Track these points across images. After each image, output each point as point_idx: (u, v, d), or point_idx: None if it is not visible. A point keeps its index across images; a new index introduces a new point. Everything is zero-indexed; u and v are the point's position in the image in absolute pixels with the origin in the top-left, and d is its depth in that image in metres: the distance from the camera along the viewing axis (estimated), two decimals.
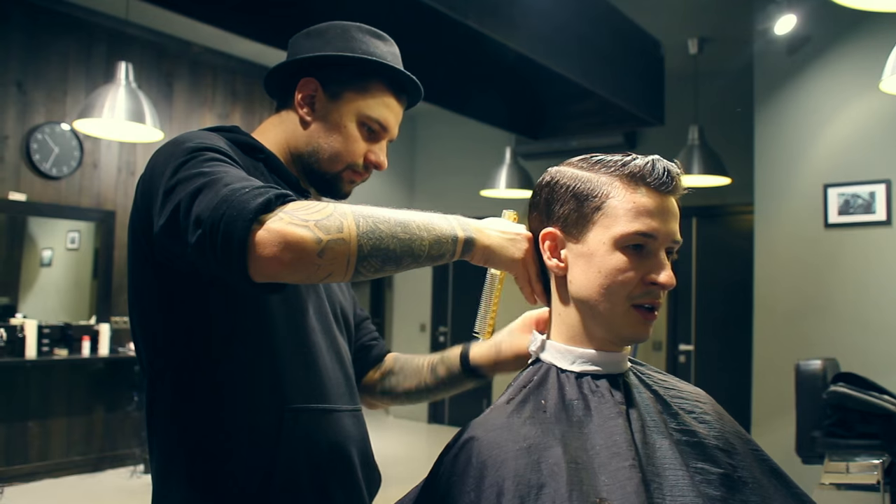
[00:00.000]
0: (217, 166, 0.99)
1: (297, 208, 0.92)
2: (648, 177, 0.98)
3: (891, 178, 4.13)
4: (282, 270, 0.90)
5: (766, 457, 1.08)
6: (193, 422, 1.11)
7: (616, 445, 0.92)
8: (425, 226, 0.99)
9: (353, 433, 1.22)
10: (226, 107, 6.22)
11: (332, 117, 1.23)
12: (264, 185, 0.94)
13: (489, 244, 1.06)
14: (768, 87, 4.63)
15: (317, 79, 1.23)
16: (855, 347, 4.14)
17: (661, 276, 0.98)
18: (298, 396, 1.14)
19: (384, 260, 0.95)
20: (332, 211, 0.93)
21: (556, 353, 1.04)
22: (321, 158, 1.24)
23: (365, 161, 1.26)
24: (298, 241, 0.89)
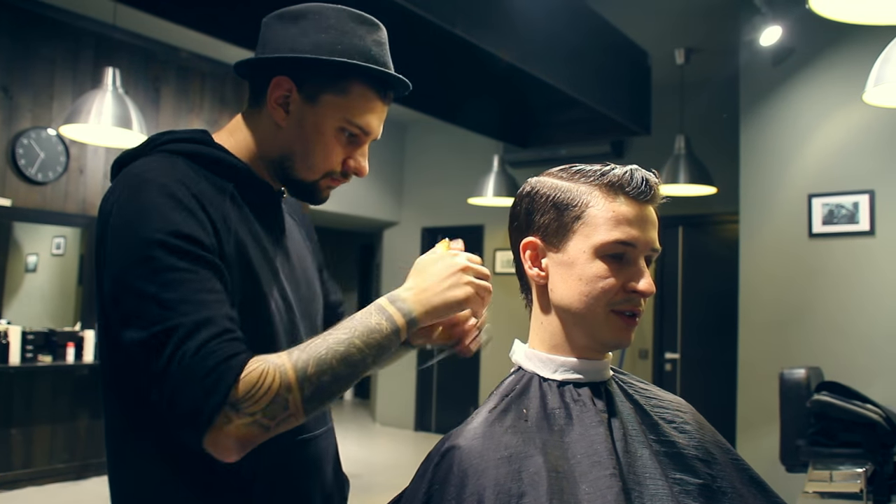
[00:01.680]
0: (174, 290, 0.94)
1: (243, 398, 0.92)
2: (627, 186, 0.99)
3: (874, 189, 4.17)
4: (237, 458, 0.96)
5: (745, 466, 1.09)
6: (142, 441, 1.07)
7: (597, 454, 0.92)
8: (366, 343, 1.01)
9: (326, 453, 1.22)
10: (213, 113, 6.21)
11: (309, 122, 1.13)
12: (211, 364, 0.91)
13: (431, 311, 1.07)
14: (754, 97, 4.67)
15: (291, 78, 1.12)
16: (838, 356, 4.17)
17: (640, 283, 0.99)
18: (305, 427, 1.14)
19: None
20: (278, 387, 0.94)
21: (538, 361, 1.05)
22: (296, 166, 1.15)
23: (344, 167, 1.17)
24: (249, 439, 0.94)
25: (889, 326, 4.08)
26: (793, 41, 4.47)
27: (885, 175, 4.14)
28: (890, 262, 4.11)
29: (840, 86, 4.30)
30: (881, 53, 2.77)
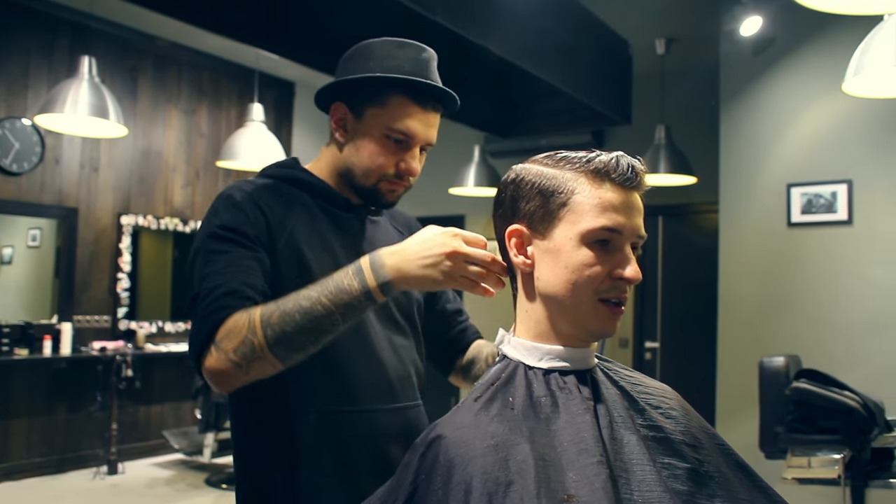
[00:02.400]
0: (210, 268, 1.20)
1: (223, 338, 1.14)
2: (613, 172, 0.98)
3: (852, 179, 4.20)
4: (228, 389, 1.18)
5: (731, 451, 1.09)
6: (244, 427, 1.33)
7: (584, 441, 0.92)
8: (332, 301, 1.12)
9: (391, 430, 1.32)
10: (192, 103, 6.15)
11: (359, 135, 1.33)
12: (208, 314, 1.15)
13: (407, 280, 1.13)
14: (734, 87, 4.69)
15: (344, 102, 1.34)
16: (816, 344, 4.21)
17: (627, 270, 0.98)
18: (324, 400, 1.27)
19: (302, 349, 1.13)
20: (247, 332, 1.12)
21: (524, 349, 1.04)
22: (356, 175, 1.35)
23: (397, 170, 1.34)
24: (224, 375, 1.14)
25: (865, 315, 4.13)
26: (773, 31, 4.49)
27: (863, 165, 4.18)
28: (867, 251, 4.15)
29: (819, 76, 4.33)
30: (860, 43, 2.78)
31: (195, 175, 6.17)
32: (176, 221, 5.98)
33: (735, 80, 4.69)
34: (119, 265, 5.67)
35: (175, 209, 6.02)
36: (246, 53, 6.01)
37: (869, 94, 3.02)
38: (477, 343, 1.50)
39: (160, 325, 5.90)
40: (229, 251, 1.21)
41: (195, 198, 6.16)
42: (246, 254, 1.22)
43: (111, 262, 5.67)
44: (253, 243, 1.24)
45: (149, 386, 5.72)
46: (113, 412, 5.22)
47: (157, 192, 5.91)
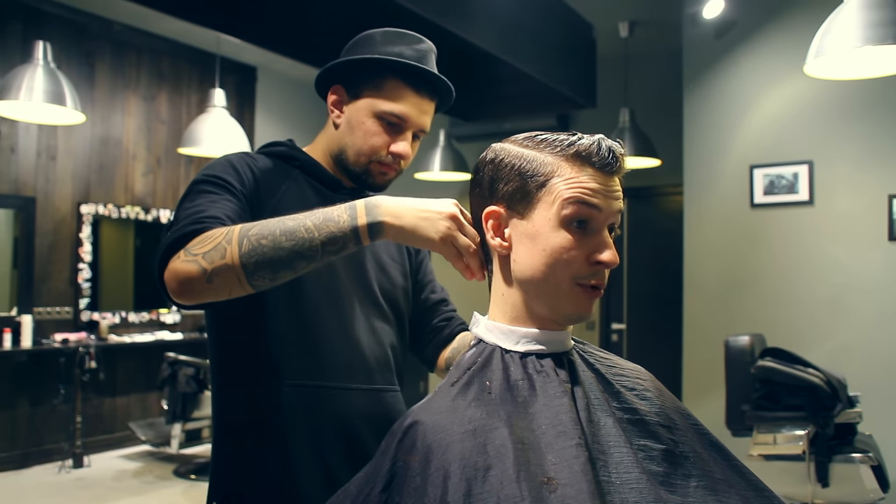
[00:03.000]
0: (194, 202, 1.20)
1: (196, 243, 1.11)
2: (594, 157, 0.98)
3: (813, 160, 4.27)
4: (185, 298, 1.12)
5: (705, 431, 1.09)
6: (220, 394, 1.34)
7: (562, 424, 0.92)
8: (317, 226, 1.08)
9: (365, 411, 1.33)
10: (151, 88, 6.02)
11: (354, 116, 1.36)
12: (186, 224, 1.14)
13: (401, 226, 1.09)
14: (697, 70, 4.72)
15: (342, 85, 1.38)
16: (779, 323, 4.29)
17: (605, 254, 0.98)
18: (300, 375, 1.28)
19: (273, 269, 1.08)
20: (222, 239, 1.09)
21: (500, 333, 1.03)
22: (349, 155, 1.37)
23: (389, 153, 1.36)
24: (186, 276, 1.09)
25: (826, 293, 4.21)
26: (735, 14, 4.53)
27: (824, 146, 4.24)
28: (827, 230, 4.22)
29: (781, 58, 4.38)
30: (822, 25, 2.81)
31: (156, 162, 6.06)
32: (137, 210, 5.88)
33: (698, 63, 4.72)
34: (80, 255, 5.55)
35: (136, 197, 5.91)
36: (206, 38, 5.90)
37: (830, 77, 3.06)
38: (463, 334, 1.48)
39: (123, 316, 5.80)
40: (216, 193, 1.23)
41: (157, 185, 6.05)
42: (232, 199, 1.23)
43: (71, 252, 5.56)
44: (240, 197, 1.25)
45: (113, 377, 5.63)
46: (77, 405, 5.14)
47: (117, 180, 5.80)
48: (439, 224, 1.08)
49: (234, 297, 1.12)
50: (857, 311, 4.11)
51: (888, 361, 4.00)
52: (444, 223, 1.08)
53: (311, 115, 7.50)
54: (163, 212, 6.03)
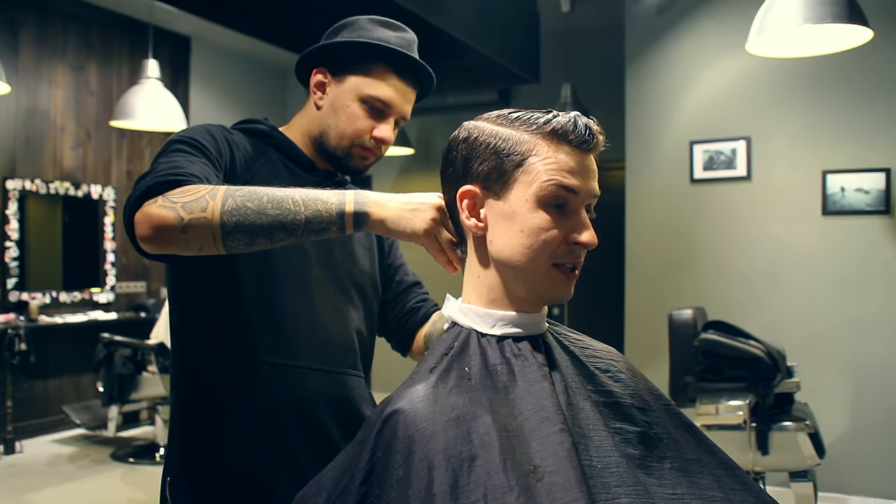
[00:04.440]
0: (171, 158, 1.16)
1: (176, 192, 1.06)
2: (570, 134, 0.96)
3: (751, 136, 4.35)
4: (153, 244, 1.06)
5: (676, 411, 1.10)
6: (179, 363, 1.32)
7: (544, 409, 0.90)
8: (305, 202, 1.06)
9: (327, 393, 1.31)
10: (79, 58, 5.76)
11: (338, 99, 1.35)
12: (168, 173, 1.09)
13: (385, 217, 1.07)
14: (638, 46, 4.75)
15: (326, 67, 1.37)
16: (719, 296, 4.39)
17: (583, 235, 0.97)
18: (264, 352, 1.27)
19: (251, 234, 1.05)
20: (206, 193, 1.05)
21: (475, 316, 1.01)
22: (331, 137, 1.36)
23: (372, 137, 1.36)
24: (161, 221, 1.04)
25: (763, 266, 4.32)
26: None
27: (761, 122, 4.33)
28: (764, 205, 4.33)
29: (722, 34, 4.44)
30: (763, 3, 2.85)
31: (86, 135, 5.81)
32: (67, 185, 5.64)
33: (639, 38, 4.75)
34: (6, 233, 5.30)
35: (65, 172, 5.67)
36: (138, 5, 5.66)
37: (771, 54, 3.11)
38: (438, 313, 1.47)
39: (54, 296, 5.58)
40: (194, 154, 1.20)
41: (87, 159, 5.82)
42: (209, 164, 1.21)
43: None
44: (216, 163, 1.23)
45: (44, 360, 5.42)
46: (7, 388, 4.93)
47: (45, 155, 5.54)
48: (423, 216, 1.07)
49: (201, 255, 1.09)
50: (792, 283, 4.24)
51: (821, 332, 4.14)
52: (428, 215, 1.07)
53: (248, 88, 7.31)
54: (94, 187, 5.80)
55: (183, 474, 1.29)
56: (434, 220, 1.07)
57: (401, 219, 1.07)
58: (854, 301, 4.09)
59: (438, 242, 1.08)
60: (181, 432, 1.31)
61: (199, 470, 1.28)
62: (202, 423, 1.28)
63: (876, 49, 3.63)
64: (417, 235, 1.07)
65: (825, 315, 4.15)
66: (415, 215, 1.07)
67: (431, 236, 1.07)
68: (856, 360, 4.07)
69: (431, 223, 1.07)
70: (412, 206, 1.07)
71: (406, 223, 1.07)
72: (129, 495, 4.17)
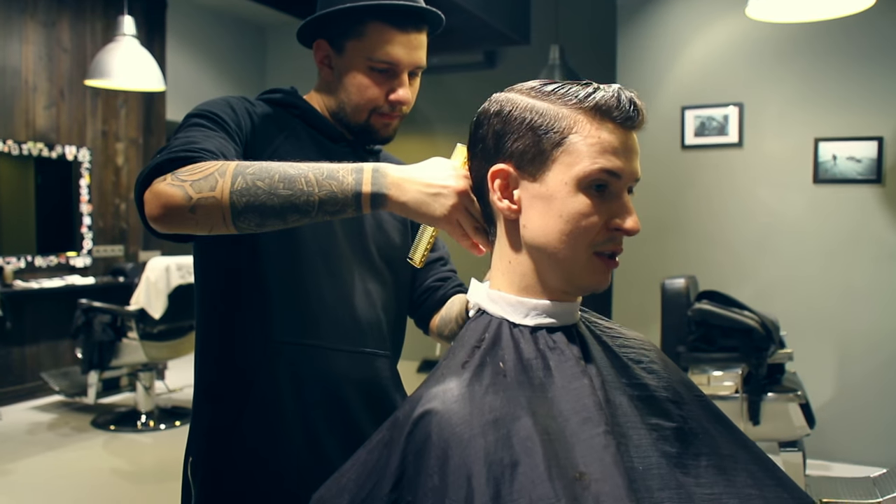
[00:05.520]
0: (188, 133, 1.11)
1: (187, 170, 1.01)
2: (614, 110, 0.89)
3: (743, 102, 4.30)
4: (162, 224, 1.02)
5: (709, 402, 1.05)
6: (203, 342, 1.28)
7: (586, 409, 0.84)
8: (319, 181, 1.00)
9: (351, 374, 1.27)
10: (51, 14, 5.53)
11: (344, 71, 1.28)
12: (181, 149, 1.04)
13: (405, 201, 1.00)
14: (631, 8, 4.65)
15: (325, 38, 1.29)
16: (708, 263, 4.37)
17: (627, 221, 0.90)
18: (287, 332, 1.22)
19: (262, 215, 0.99)
20: (215, 171, 1.00)
21: (507, 305, 0.94)
22: (347, 112, 1.29)
23: (388, 102, 1.27)
24: (169, 199, 0.99)
25: (754, 234, 4.30)
26: None
27: (754, 88, 4.27)
28: (755, 172, 4.29)
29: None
30: None
31: (59, 94, 5.61)
32: (40, 146, 5.45)
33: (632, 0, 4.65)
34: None
35: (38, 132, 5.48)
36: None
37: (772, 19, 3.03)
38: (452, 300, 1.39)
39: (29, 260, 5.44)
40: (211, 129, 1.15)
41: (60, 119, 5.63)
42: (227, 139, 1.15)
43: None
44: (235, 138, 1.18)
45: (21, 326, 5.30)
46: None
47: (16, 115, 5.34)
48: (444, 201, 1.00)
49: (213, 234, 1.03)
50: (782, 251, 4.22)
51: (810, 300, 4.14)
52: (450, 200, 1.00)
53: (226, 45, 7.11)
54: (68, 148, 5.62)
55: (205, 455, 1.26)
56: (454, 206, 1.00)
57: (420, 203, 1.00)
58: (843, 270, 4.08)
59: (462, 227, 1.01)
60: (204, 412, 1.28)
61: (222, 451, 1.25)
62: (226, 403, 1.25)
63: (870, 17, 3.56)
64: (437, 220, 1.01)
65: (814, 283, 4.14)
66: (435, 200, 1.00)
67: (453, 222, 1.00)
68: (843, 329, 4.08)
69: (452, 210, 1.00)
70: (433, 191, 1.00)
71: (426, 208, 1.00)
72: (112, 464, 4.10)
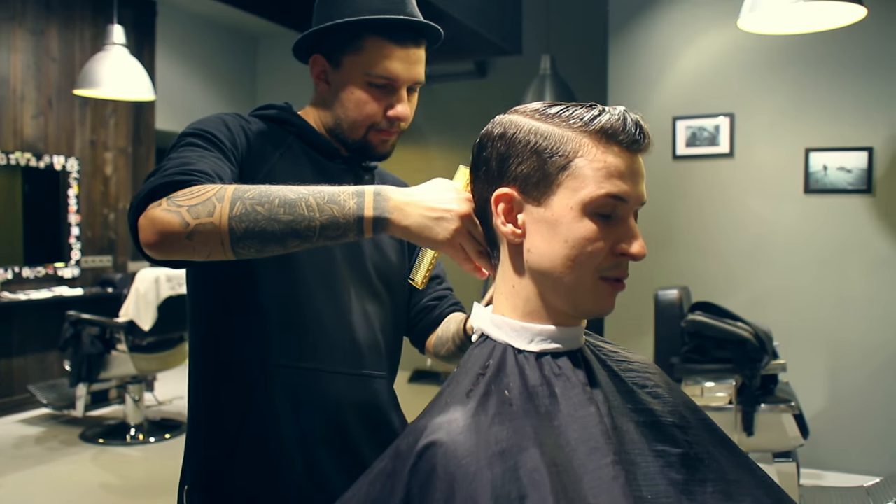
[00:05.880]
0: (181, 153, 1.09)
1: (183, 194, 0.99)
2: (620, 134, 0.88)
3: (734, 112, 4.31)
4: (158, 251, 0.99)
5: (713, 426, 1.04)
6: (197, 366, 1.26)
7: (593, 439, 0.83)
8: (320, 206, 0.98)
9: (351, 397, 1.25)
10: (39, 22, 5.49)
11: (341, 86, 1.25)
12: (175, 172, 1.02)
13: (407, 225, 0.99)
14: (622, 17, 4.66)
15: (322, 53, 1.27)
16: (699, 273, 4.37)
17: (633, 246, 0.89)
18: (285, 355, 1.20)
19: (262, 241, 0.97)
20: (213, 195, 0.98)
21: (511, 330, 0.93)
22: (344, 129, 1.27)
23: (386, 117, 1.25)
24: (165, 225, 0.97)
25: (744, 244, 4.30)
26: None
27: (745, 98, 4.28)
28: (747, 182, 4.30)
29: (707, 9, 4.36)
30: None
31: (47, 104, 5.57)
32: (28, 156, 5.41)
33: (623, 10, 4.66)
34: None
35: (26, 142, 5.43)
36: None
37: (764, 31, 3.04)
38: (448, 319, 1.38)
39: (16, 271, 5.38)
40: (206, 149, 1.12)
41: (48, 129, 5.58)
42: (223, 158, 1.13)
43: None
44: (231, 158, 1.16)
45: (8, 337, 5.24)
46: None
47: (4, 124, 5.30)
48: (447, 225, 0.98)
49: (211, 260, 1.01)
50: (773, 261, 4.23)
51: (801, 310, 4.14)
52: (453, 224, 0.98)
53: (217, 55, 7.09)
54: (56, 157, 5.57)
55: (201, 482, 1.23)
56: (457, 230, 0.98)
57: (422, 227, 0.99)
58: (835, 280, 4.09)
59: (464, 250, 1.00)
60: (199, 440, 1.25)
61: (218, 478, 1.22)
62: (222, 430, 1.22)
63: (861, 27, 3.58)
64: (440, 244, 1.00)
65: (806, 293, 4.15)
66: (437, 224, 0.98)
67: (456, 245, 0.99)
68: (835, 338, 4.09)
69: (455, 234, 0.98)
70: (436, 214, 0.99)
71: (429, 232, 0.99)
72: (101, 478, 4.06)
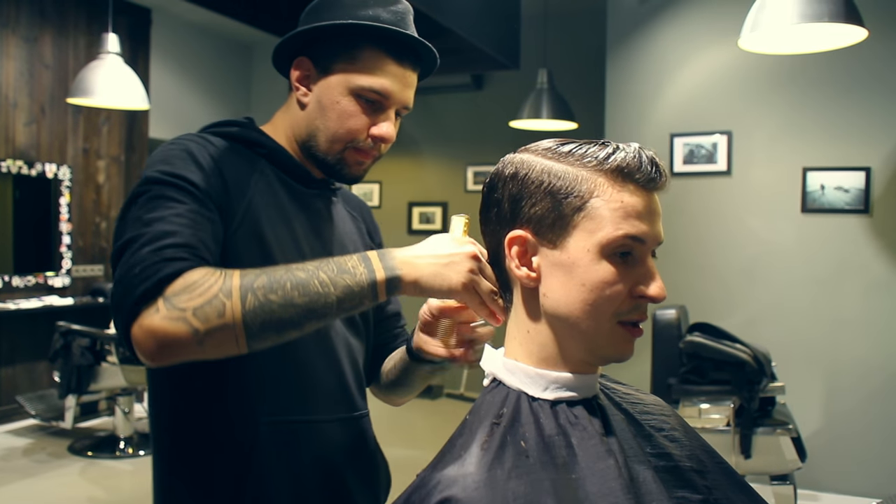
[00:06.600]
0: (153, 215, 0.97)
1: (180, 293, 0.90)
2: (636, 172, 0.85)
3: (732, 130, 4.30)
4: (161, 360, 0.91)
5: (730, 469, 1.01)
6: (180, 432, 1.11)
7: (613, 494, 0.80)
8: (332, 280, 0.93)
9: (345, 443, 1.18)
10: (33, 29, 5.45)
11: (326, 94, 1.14)
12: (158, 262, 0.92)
13: (418, 277, 0.95)
14: (620, 34, 4.66)
15: (308, 57, 1.16)
16: (696, 292, 4.35)
17: (651, 288, 0.86)
18: (277, 408, 1.11)
19: (280, 329, 0.92)
20: (218, 291, 0.90)
21: (525, 377, 0.90)
22: (320, 141, 1.16)
23: (370, 136, 1.15)
24: (171, 337, 0.89)
25: (741, 263, 4.29)
26: None
27: (743, 116, 4.28)
28: (744, 201, 4.29)
29: (705, 25, 4.36)
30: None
31: (40, 111, 5.53)
32: (19, 163, 5.36)
33: (621, 26, 4.65)
34: None
35: (18, 150, 5.38)
36: None
37: (764, 51, 3.03)
38: (395, 352, 1.31)
39: (6, 280, 5.33)
40: (181, 200, 1.00)
41: (41, 136, 5.53)
42: (200, 210, 1.01)
43: None
44: (210, 206, 1.03)
45: None
46: None
47: None
48: (459, 268, 0.95)
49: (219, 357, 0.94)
50: (770, 281, 4.22)
51: (798, 330, 4.13)
52: (465, 266, 0.95)
53: (211, 64, 7.05)
54: (48, 165, 5.52)
55: None
56: (471, 270, 0.95)
57: (435, 276, 0.95)
58: (832, 300, 4.08)
59: (479, 295, 0.97)
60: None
61: None
62: (207, 493, 1.10)
63: (859, 49, 3.58)
64: (456, 291, 0.96)
65: (803, 313, 4.14)
66: (449, 269, 0.95)
67: (471, 290, 0.96)
68: (832, 359, 4.08)
69: (469, 275, 0.95)
70: (445, 260, 0.95)
71: (441, 280, 0.95)
72: (90, 492, 4.00)
